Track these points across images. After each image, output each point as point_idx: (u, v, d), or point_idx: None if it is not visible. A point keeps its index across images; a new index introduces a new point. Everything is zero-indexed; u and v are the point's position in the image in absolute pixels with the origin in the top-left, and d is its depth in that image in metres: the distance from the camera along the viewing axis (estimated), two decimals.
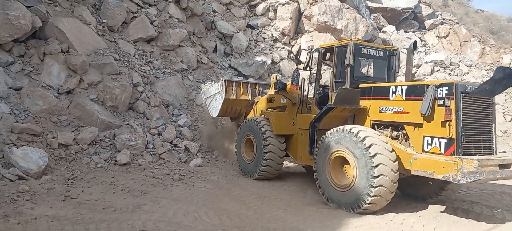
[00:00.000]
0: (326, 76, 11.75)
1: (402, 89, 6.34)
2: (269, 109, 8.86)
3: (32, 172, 6.76)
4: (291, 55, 15.00)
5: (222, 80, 9.63)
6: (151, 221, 5.36)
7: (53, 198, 6.03)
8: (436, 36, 19.53)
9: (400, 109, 6.32)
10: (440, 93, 5.79)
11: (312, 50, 7.82)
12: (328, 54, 7.71)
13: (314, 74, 7.91)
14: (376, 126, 6.75)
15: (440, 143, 5.77)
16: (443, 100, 5.71)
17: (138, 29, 11.73)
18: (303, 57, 14.85)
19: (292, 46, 15.22)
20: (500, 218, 6.27)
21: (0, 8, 8.57)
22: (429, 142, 5.91)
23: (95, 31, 10.59)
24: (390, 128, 6.61)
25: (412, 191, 7.18)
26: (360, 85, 7.02)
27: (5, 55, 8.81)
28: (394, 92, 6.44)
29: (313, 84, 7.96)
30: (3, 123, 7.66)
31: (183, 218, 5.61)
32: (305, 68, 7.85)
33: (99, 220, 5.27)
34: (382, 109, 6.60)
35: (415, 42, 7.67)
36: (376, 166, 5.77)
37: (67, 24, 9.83)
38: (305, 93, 7.99)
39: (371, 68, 7.70)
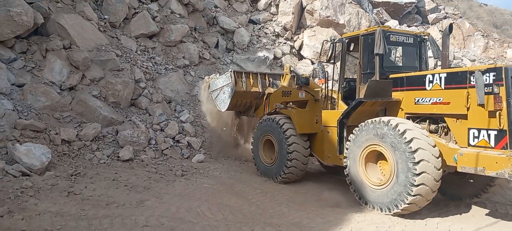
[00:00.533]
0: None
1: (440, 78, 5.73)
2: (289, 104, 8.28)
3: (36, 168, 6.79)
4: (294, 50, 14.95)
5: (231, 71, 8.99)
6: (154, 216, 5.38)
7: (57, 194, 6.06)
8: (439, 30, 19.41)
9: (439, 99, 5.74)
10: (486, 79, 5.17)
11: (335, 41, 7.21)
12: (352, 44, 7.22)
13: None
14: (411, 119, 6.19)
15: (489, 135, 5.17)
16: (491, 88, 5.09)
17: (140, 25, 11.72)
18: (306, 52, 14.82)
19: (294, 41, 15.17)
20: (503, 213, 6.25)
21: (2, 5, 8.58)
22: (476, 134, 5.32)
23: (97, 27, 10.58)
24: (427, 120, 6.10)
25: (451, 191, 6.59)
26: (391, 76, 6.48)
27: (7, 52, 8.83)
28: (431, 82, 5.86)
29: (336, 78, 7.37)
30: (6, 119, 7.69)
31: (186, 213, 5.62)
32: (328, 61, 7.33)
33: (103, 216, 5.30)
34: (417, 100, 6.06)
35: (450, 25, 6.95)
36: (418, 163, 5.27)
37: (69, 20, 9.83)
38: (329, 88, 7.47)
39: (400, 56, 7.11)
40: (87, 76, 9.51)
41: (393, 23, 18.19)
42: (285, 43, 14.79)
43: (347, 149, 6.41)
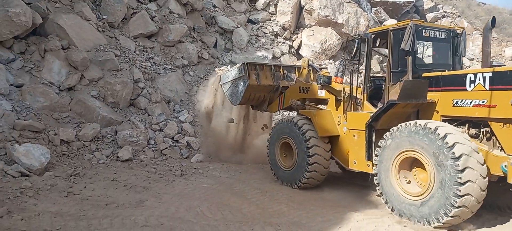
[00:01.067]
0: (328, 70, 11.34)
1: (484, 77, 5.21)
2: (306, 102, 7.81)
3: (35, 169, 6.79)
4: (292, 50, 14.96)
5: (244, 63, 8.41)
6: (153, 216, 5.38)
7: (56, 194, 6.06)
8: None
9: (483, 102, 5.23)
10: None
11: (360, 36, 6.71)
12: (378, 40, 6.75)
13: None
14: (448, 123, 5.63)
15: None
16: None
17: (139, 25, 11.71)
18: (304, 52, 14.82)
19: (293, 41, 15.18)
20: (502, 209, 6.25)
21: (0, 5, 8.57)
22: None
23: (96, 28, 10.58)
24: (467, 124, 5.58)
25: (488, 199, 5.75)
26: (424, 74, 5.98)
27: (6, 52, 8.82)
28: (472, 81, 5.33)
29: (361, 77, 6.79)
30: (5, 120, 7.68)
31: (185, 213, 5.62)
32: (352, 58, 6.84)
33: (102, 216, 5.30)
34: (456, 102, 5.54)
35: (493, 19, 6.33)
36: (462, 171, 4.79)
37: (67, 20, 9.82)
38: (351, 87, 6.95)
39: (433, 53, 6.55)
40: (86, 77, 9.50)
41: (391, 23, 18.23)
42: (283, 42, 14.80)
43: (377, 155, 5.87)
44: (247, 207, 6.08)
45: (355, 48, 6.67)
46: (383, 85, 6.69)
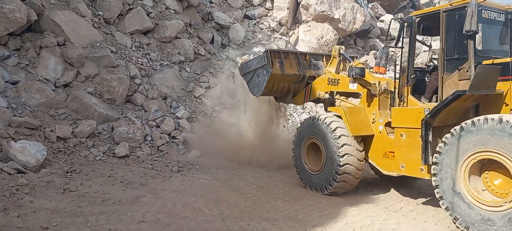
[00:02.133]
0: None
1: None
2: (337, 96, 7.24)
3: (31, 166, 6.78)
4: (289, 45, 14.95)
5: (267, 50, 7.73)
6: (150, 212, 5.39)
7: (52, 191, 6.06)
8: None
9: None
10: None
11: (403, 20, 5.96)
12: (423, 25, 6.00)
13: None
14: None
15: None
16: None
17: (135, 21, 11.64)
18: (301, 47, 14.81)
19: (290, 36, 15.17)
20: None
21: None
22: None
23: (91, 24, 10.52)
24: None
25: None
26: (484, 62, 5.25)
27: (1, 49, 8.77)
28: None
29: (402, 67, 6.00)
30: (1, 117, 7.66)
31: (182, 209, 5.65)
32: (395, 45, 6.20)
33: (99, 212, 5.31)
34: None
35: None
36: None
37: (62, 17, 9.76)
38: (389, 79, 6.26)
39: (491, 38, 5.84)
40: (82, 73, 9.47)
41: (388, 18, 18.24)
42: (280, 38, 14.77)
43: (437, 157, 5.08)
44: (244, 203, 6.11)
45: (398, 34, 5.99)
46: (426, 77, 6.22)
